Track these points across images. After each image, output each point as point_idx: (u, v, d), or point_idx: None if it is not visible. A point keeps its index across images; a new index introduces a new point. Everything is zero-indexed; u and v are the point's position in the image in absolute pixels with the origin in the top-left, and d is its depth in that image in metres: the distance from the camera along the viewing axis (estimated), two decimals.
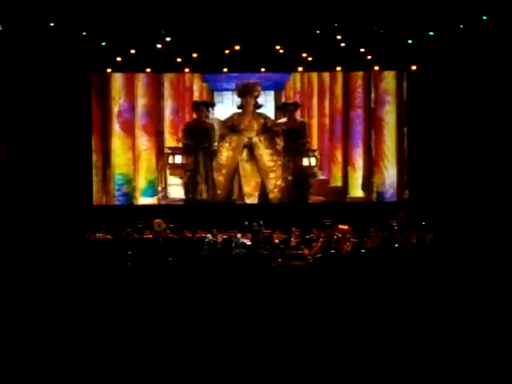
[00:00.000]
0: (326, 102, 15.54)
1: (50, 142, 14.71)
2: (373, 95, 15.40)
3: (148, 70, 14.89)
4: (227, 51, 14.30)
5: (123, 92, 15.42)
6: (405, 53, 14.36)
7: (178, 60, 14.54)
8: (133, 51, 14.07)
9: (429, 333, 7.24)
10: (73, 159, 14.85)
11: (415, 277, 10.43)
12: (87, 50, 14.10)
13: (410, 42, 14.11)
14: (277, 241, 13.51)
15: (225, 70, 14.79)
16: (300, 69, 14.82)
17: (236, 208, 15.06)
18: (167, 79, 15.50)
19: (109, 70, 14.84)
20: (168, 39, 13.95)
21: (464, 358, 6.36)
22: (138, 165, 15.44)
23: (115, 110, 15.41)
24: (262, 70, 14.95)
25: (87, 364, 6.33)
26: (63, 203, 14.52)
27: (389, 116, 15.36)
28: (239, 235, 13.32)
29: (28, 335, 7.28)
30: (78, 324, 7.76)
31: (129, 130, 15.46)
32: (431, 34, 13.80)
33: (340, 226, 13.28)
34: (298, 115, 15.74)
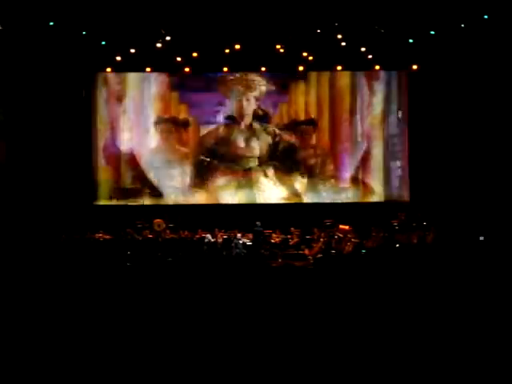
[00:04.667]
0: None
1: (50, 142, 14.69)
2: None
3: (148, 69, 14.86)
4: (227, 50, 14.26)
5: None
6: (406, 52, 14.33)
7: (178, 59, 14.52)
8: (133, 50, 14.04)
9: (430, 333, 7.21)
10: (72, 159, 14.83)
11: (416, 277, 10.39)
12: (87, 50, 14.07)
13: (410, 41, 14.09)
14: (277, 239, 13.48)
15: (225, 69, 14.75)
16: (301, 68, 14.77)
17: (236, 208, 15.00)
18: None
19: (108, 70, 14.82)
20: (168, 38, 13.92)
21: (465, 357, 6.33)
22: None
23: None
24: (263, 69, 14.91)
25: (87, 364, 6.31)
26: (63, 203, 14.50)
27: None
28: (239, 235, 13.28)
29: (28, 335, 7.25)
30: (78, 324, 7.73)
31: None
32: (432, 33, 13.77)
33: (341, 226, 13.24)
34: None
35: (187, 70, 14.74)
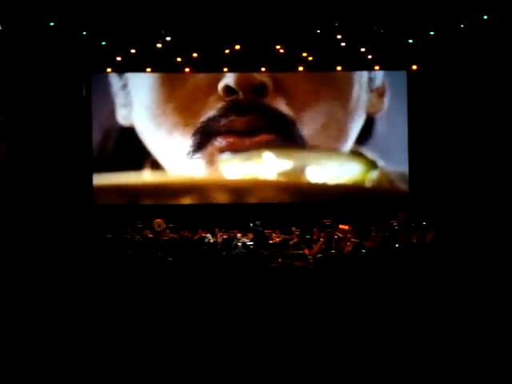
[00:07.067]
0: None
1: (50, 142, 14.69)
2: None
3: (148, 69, 14.86)
4: (228, 51, 14.26)
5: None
6: (405, 52, 14.33)
7: (178, 60, 14.51)
8: (133, 51, 14.04)
9: (430, 332, 7.21)
10: (72, 159, 14.83)
11: (416, 277, 10.39)
12: (87, 50, 14.07)
13: (410, 41, 14.09)
14: (277, 239, 13.46)
15: (225, 69, 14.76)
16: (300, 68, 14.78)
17: (237, 208, 14.99)
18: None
19: (109, 70, 14.82)
20: (168, 39, 13.92)
21: (464, 357, 6.34)
22: None
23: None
24: (263, 69, 14.91)
25: (87, 364, 6.31)
26: (63, 203, 14.50)
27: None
28: (239, 235, 13.26)
29: (28, 335, 7.26)
30: (79, 324, 7.74)
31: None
32: (432, 33, 13.78)
33: (341, 226, 13.22)
34: None
35: (187, 70, 14.75)
